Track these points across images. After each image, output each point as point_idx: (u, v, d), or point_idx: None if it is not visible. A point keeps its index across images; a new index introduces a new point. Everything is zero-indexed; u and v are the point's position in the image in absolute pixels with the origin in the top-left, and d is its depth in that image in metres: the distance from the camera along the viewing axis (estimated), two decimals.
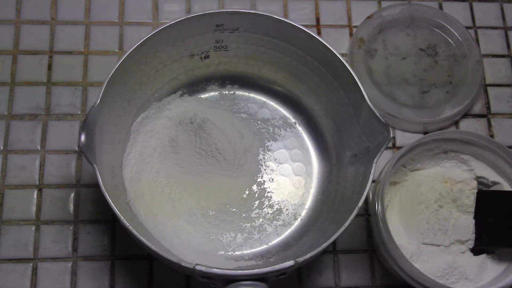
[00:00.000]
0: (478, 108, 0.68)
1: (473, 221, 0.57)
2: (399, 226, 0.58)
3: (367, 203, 0.62)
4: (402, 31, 0.69)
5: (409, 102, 0.66)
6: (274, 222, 0.58)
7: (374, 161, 0.48)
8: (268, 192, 0.59)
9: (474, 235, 0.57)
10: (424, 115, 0.64)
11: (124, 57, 0.51)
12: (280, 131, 0.62)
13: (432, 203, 0.58)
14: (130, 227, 0.46)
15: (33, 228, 0.59)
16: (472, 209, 0.57)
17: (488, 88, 0.69)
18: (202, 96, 0.62)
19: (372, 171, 0.48)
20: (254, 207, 0.58)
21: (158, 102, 0.60)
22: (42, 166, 0.61)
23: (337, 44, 0.68)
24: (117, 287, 0.57)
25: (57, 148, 0.62)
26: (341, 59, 0.53)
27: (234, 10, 0.54)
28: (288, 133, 0.62)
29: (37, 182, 0.60)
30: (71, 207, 0.60)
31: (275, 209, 0.59)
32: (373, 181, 0.58)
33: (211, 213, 0.57)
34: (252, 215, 0.58)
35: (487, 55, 0.70)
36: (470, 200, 0.58)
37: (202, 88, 0.62)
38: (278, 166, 0.61)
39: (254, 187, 0.59)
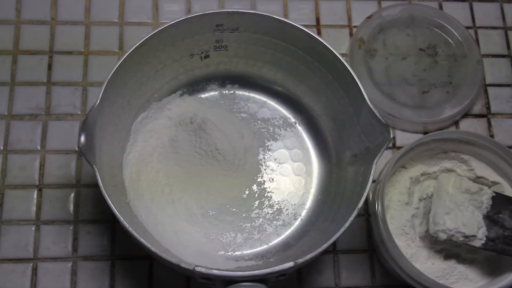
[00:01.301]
0: (478, 108, 0.68)
1: (483, 220, 0.55)
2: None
3: (367, 203, 0.62)
4: (402, 31, 0.69)
5: (409, 102, 0.66)
6: (274, 222, 0.58)
7: (374, 162, 0.48)
8: (268, 192, 0.59)
9: (483, 233, 0.55)
10: (424, 115, 0.64)
11: (124, 57, 0.51)
12: (280, 131, 0.62)
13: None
14: (130, 228, 0.46)
15: (33, 228, 0.59)
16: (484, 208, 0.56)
17: (488, 88, 0.69)
18: (202, 95, 0.62)
19: (372, 171, 0.48)
20: (254, 207, 0.58)
21: (158, 102, 0.60)
22: (42, 166, 0.61)
23: (337, 44, 0.68)
24: (117, 287, 0.58)
25: (57, 148, 0.62)
26: (341, 59, 0.53)
27: (234, 10, 0.54)
28: (288, 133, 0.62)
29: (37, 182, 0.60)
30: (71, 207, 0.60)
31: (275, 209, 0.59)
32: (373, 181, 0.58)
33: (211, 213, 0.57)
34: (252, 215, 0.58)
35: (487, 55, 0.70)
36: (486, 198, 0.56)
37: (202, 87, 0.62)
38: (278, 166, 0.61)
39: (254, 187, 0.59)
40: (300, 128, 0.62)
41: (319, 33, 0.69)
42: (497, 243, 0.54)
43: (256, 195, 0.59)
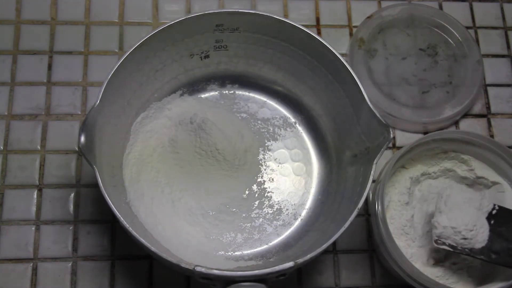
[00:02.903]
0: (478, 108, 0.68)
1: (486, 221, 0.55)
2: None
3: (367, 203, 0.62)
4: (402, 31, 0.69)
5: (409, 102, 0.66)
6: (274, 222, 0.58)
7: (374, 162, 0.48)
8: (268, 192, 0.59)
9: (485, 235, 0.54)
10: (424, 115, 0.64)
11: (124, 57, 0.51)
12: (280, 130, 0.62)
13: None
14: (130, 228, 0.46)
15: (33, 228, 0.59)
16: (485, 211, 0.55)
17: (488, 88, 0.69)
18: (202, 95, 0.62)
19: (372, 171, 0.48)
20: (254, 207, 0.58)
21: (158, 102, 0.60)
22: (42, 166, 0.61)
23: (337, 44, 0.68)
24: (117, 287, 0.57)
25: (57, 148, 0.62)
26: (341, 59, 0.53)
27: (234, 10, 0.54)
28: (288, 133, 0.62)
29: (37, 182, 0.60)
30: (71, 207, 0.60)
31: (275, 209, 0.59)
32: (373, 181, 0.58)
33: (211, 213, 0.57)
34: (252, 215, 0.58)
35: (487, 55, 0.70)
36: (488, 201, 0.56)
37: (202, 87, 0.62)
38: (278, 166, 0.61)
39: (254, 187, 0.59)
40: (300, 128, 0.62)
41: (319, 33, 0.69)
42: (502, 256, 0.54)
43: (256, 195, 0.59)
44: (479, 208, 0.55)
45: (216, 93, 0.63)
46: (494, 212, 0.55)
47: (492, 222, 0.55)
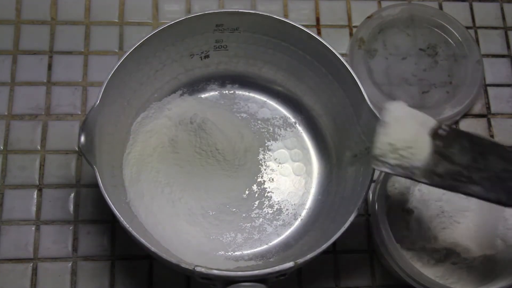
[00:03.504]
0: (478, 108, 0.68)
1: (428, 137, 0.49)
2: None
3: (367, 203, 0.62)
4: (402, 31, 0.69)
5: (409, 102, 0.65)
6: (274, 222, 0.58)
7: None
8: (268, 192, 0.59)
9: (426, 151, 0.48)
10: None
11: (124, 57, 0.51)
12: (280, 130, 0.62)
13: None
14: (130, 228, 0.46)
15: (33, 228, 0.59)
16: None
17: (488, 88, 0.69)
18: (202, 95, 0.62)
19: (372, 171, 0.48)
20: (254, 207, 0.58)
21: (158, 102, 0.60)
22: (42, 166, 0.61)
23: (337, 44, 0.68)
24: (117, 287, 0.57)
25: (57, 148, 0.62)
26: (341, 59, 0.53)
27: (234, 10, 0.54)
28: (288, 133, 0.62)
29: (37, 182, 0.60)
30: (71, 207, 0.60)
31: (275, 209, 0.59)
32: (373, 181, 0.58)
33: (211, 213, 0.57)
34: (252, 215, 0.58)
35: (487, 55, 0.70)
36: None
37: (202, 87, 0.62)
38: (278, 166, 0.61)
39: (254, 187, 0.59)
40: (300, 128, 0.62)
41: (319, 33, 0.69)
42: (445, 179, 0.49)
43: (256, 195, 0.59)
44: (422, 123, 0.49)
45: (216, 93, 0.63)
46: (442, 132, 0.50)
47: (438, 143, 0.49)
